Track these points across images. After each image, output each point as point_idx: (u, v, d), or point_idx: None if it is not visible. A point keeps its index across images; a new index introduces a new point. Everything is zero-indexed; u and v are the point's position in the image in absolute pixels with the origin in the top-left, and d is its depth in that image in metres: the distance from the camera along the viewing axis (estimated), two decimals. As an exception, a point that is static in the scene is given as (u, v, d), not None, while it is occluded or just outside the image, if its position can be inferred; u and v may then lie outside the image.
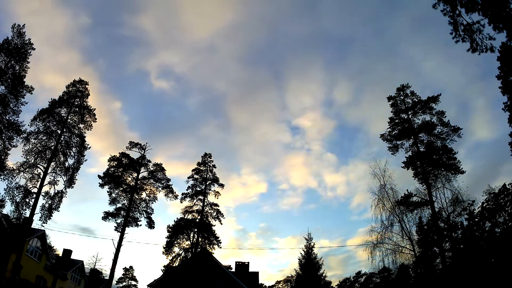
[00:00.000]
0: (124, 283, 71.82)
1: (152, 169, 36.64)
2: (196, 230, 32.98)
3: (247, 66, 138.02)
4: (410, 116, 30.86)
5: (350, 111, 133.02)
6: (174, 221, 33.82)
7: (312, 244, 40.05)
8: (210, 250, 32.52)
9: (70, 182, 29.58)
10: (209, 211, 34.40)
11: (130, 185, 35.26)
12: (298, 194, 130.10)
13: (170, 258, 32.20)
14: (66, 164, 29.88)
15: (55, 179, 28.98)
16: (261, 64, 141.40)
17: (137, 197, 35.40)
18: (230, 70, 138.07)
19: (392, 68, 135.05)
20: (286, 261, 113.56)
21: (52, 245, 61.77)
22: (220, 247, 33.03)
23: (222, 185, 35.65)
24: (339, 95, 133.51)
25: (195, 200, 34.56)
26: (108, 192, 34.46)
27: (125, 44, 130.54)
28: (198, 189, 34.94)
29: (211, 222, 33.72)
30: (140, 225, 34.83)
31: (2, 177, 26.67)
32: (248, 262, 41.05)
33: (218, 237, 33.09)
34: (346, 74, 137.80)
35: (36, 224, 28.71)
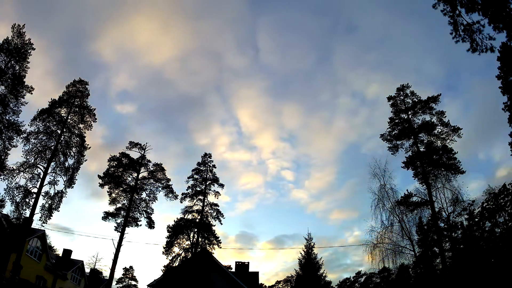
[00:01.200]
0: (124, 283, 71.86)
1: (152, 169, 36.64)
2: (196, 230, 32.98)
3: (199, 93, 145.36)
4: (410, 116, 30.84)
5: (301, 133, 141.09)
6: (174, 221, 33.85)
7: (312, 244, 40.07)
8: (210, 250, 32.51)
9: (70, 182, 29.58)
10: (209, 211, 34.40)
11: (130, 185, 35.25)
12: (260, 204, 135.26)
13: (170, 258, 32.21)
14: (66, 164, 29.90)
15: (55, 179, 29.00)
16: (211, 90, 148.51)
17: (137, 197, 35.40)
18: (183, 96, 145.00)
19: (335, 94, 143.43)
20: (264, 265, 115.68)
21: (52, 245, 61.84)
22: (220, 247, 33.04)
23: (222, 185, 35.66)
24: (288, 119, 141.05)
25: (195, 200, 34.55)
26: (108, 192, 34.48)
27: (87, 68, 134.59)
28: (198, 189, 34.91)
29: (211, 222, 33.72)
30: (140, 225, 34.88)
31: (2, 177, 26.67)
32: (248, 262, 41.09)
33: (218, 237, 33.08)
34: (292, 100, 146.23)
35: (36, 224, 28.74)
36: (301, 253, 40.06)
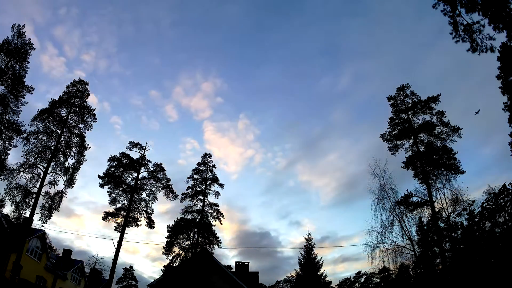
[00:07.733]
0: (124, 283, 71.81)
1: (152, 169, 36.64)
2: (196, 230, 32.99)
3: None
4: (410, 116, 30.82)
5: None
6: (174, 221, 33.87)
7: (312, 244, 40.07)
8: (210, 250, 32.52)
9: (70, 182, 29.60)
10: (209, 211, 34.42)
11: (130, 185, 35.24)
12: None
13: (170, 258, 32.23)
14: (66, 164, 29.92)
15: (55, 179, 29.04)
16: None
17: (137, 197, 35.40)
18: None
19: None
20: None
21: (52, 245, 61.81)
22: (220, 247, 33.11)
23: (222, 185, 35.67)
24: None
25: (195, 200, 34.58)
26: (108, 192, 34.49)
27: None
28: (198, 189, 34.92)
29: (211, 222, 33.74)
30: (140, 225, 34.88)
31: (2, 177, 26.68)
32: (248, 262, 41.07)
33: (218, 237, 33.12)
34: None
35: (36, 224, 28.74)
36: (301, 253, 40.09)
